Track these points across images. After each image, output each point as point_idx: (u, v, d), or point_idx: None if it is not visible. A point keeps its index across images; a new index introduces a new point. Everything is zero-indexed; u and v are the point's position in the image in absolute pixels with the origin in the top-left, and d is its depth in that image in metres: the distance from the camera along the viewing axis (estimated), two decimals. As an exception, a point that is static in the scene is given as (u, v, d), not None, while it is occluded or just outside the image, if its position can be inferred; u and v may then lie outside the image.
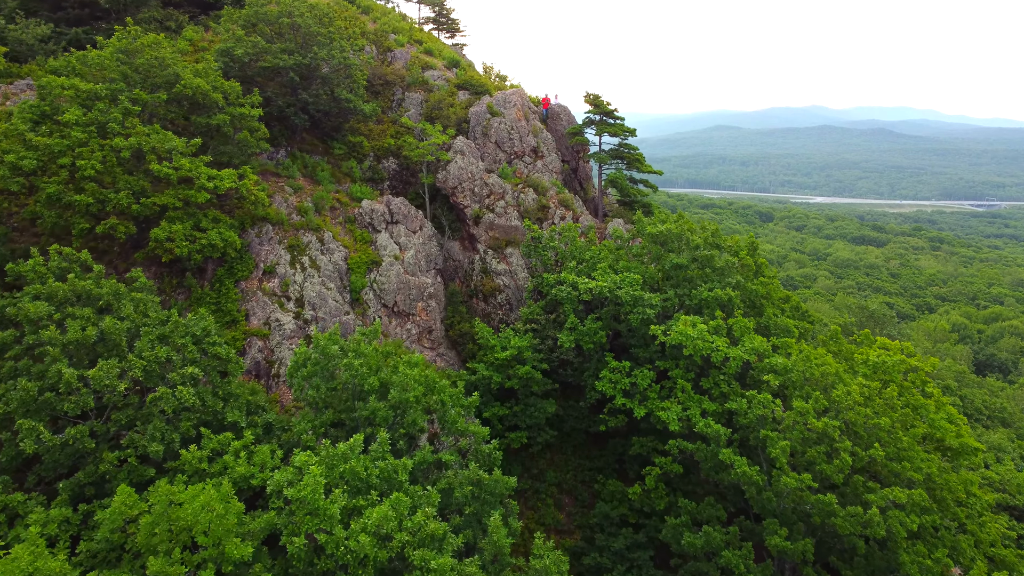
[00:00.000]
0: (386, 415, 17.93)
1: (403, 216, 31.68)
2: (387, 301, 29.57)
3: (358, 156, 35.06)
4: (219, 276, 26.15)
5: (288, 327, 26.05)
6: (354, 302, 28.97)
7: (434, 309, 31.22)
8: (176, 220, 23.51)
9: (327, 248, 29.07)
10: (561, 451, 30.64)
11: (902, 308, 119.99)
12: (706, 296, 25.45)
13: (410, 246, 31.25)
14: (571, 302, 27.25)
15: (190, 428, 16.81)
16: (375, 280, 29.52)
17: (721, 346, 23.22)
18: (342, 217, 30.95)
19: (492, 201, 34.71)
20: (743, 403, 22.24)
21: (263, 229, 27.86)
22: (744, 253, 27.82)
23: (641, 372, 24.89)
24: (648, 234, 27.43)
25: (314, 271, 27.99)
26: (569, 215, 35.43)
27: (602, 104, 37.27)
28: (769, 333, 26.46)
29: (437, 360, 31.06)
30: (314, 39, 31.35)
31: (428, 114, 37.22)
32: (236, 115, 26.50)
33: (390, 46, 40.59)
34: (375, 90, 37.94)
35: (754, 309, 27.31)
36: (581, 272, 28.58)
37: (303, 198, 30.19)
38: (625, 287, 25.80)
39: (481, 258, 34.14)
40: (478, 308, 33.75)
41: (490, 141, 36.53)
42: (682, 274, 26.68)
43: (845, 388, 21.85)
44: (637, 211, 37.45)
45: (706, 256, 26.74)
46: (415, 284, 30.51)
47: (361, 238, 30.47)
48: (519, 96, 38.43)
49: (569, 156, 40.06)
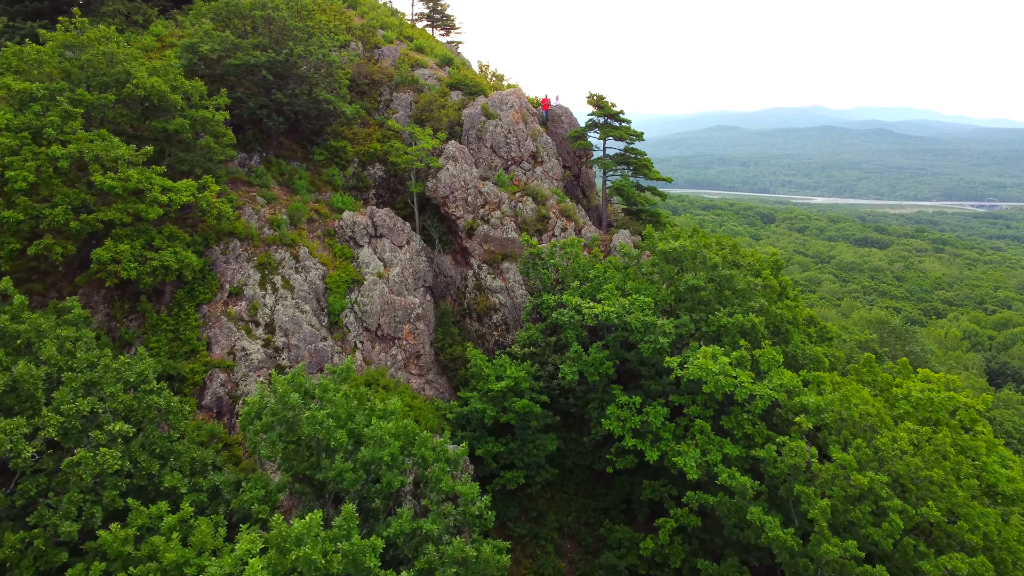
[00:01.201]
0: (355, 478, 15.04)
1: (388, 229, 28.76)
2: (370, 324, 26.68)
3: (341, 162, 32.17)
4: (178, 299, 23.24)
5: (255, 357, 23.15)
6: (332, 326, 26.08)
7: (422, 332, 28.33)
8: (124, 238, 20.60)
9: (302, 266, 26.17)
10: (563, 489, 27.75)
11: (910, 313, 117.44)
12: (726, 323, 22.58)
13: (396, 262, 28.35)
14: (574, 327, 24.37)
15: (116, 499, 13.90)
16: (356, 301, 26.62)
17: (746, 382, 20.36)
18: (320, 230, 28.04)
19: (487, 211, 31.83)
20: (772, 450, 19.37)
21: (229, 245, 24.95)
22: (767, 272, 25.01)
23: (653, 409, 22.02)
24: (660, 251, 24.56)
25: (287, 292, 25.09)
26: (571, 226, 32.57)
27: (606, 105, 34.41)
28: (797, 364, 23.60)
29: (426, 388, 28.17)
30: (290, 34, 28.45)
31: (418, 116, 34.34)
32: (198, 119, 23.59)
33: (378, 43, 37.68)
34: (360, 90, 35.04)
35: (779, 336, 24.45)
36: (585, 293, 25.70)
37: (277, 210, 27.28)
38: (635, 312, 22.93)
39: (475, 274, 31.26)
40: (471, 329, 30.87)
41: (485, 146, 33.65)
42: (698, 296, 23.82)
43: (891, 434, 18.98)
44: (646, 223, 34.61)
45: (725, 277, 23.87)
46: (401, 304, 27.62)
47: (341, 254, 27.56)
48: (517, 97, 35.56)
49: (571, 161, 37.19)
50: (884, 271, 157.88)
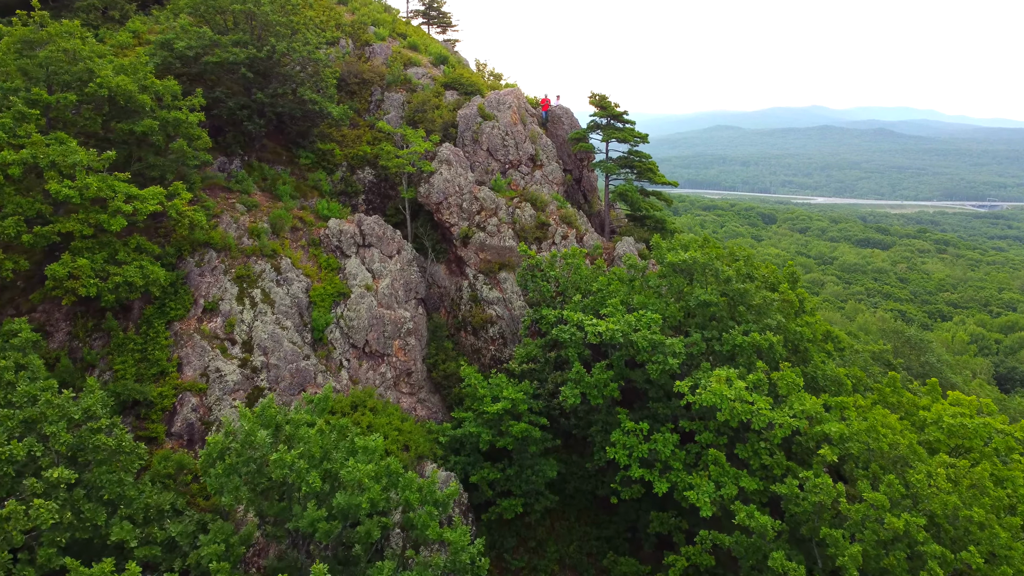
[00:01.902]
0: (329, 528, 13.28)
1: (377, 238, 26.98)
2: (357, 340, 24.91)
3: (328, 166, 30.38)
4: (147, 316, 21.48)
5: (231, 378, 21.38)
6: (316, 343, 24.31)
7: (414, 347, 26.56)
8: (84, 252, 18.84)
9: (284, 278, 24.40)
10: (563, 516, 25.98)
11: (915, 316, 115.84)
12: (741, 342, 20.82)
13: (385, 273, 26.57)
14: (576, 345, 22.61)
15: (53, 557, 12.15)
16: (342, 315, 24.85)
17: (764, 408, 18.61)
18: (305, 240, 26.27)
19: (483, 218, 30.06)
20: (794, 486, 17.62)
21: (205, 257, 23.19)
22: (784, 287, 23.29)
23: (662, 437, 20.27)
24: (668, 263, 22.78)
25: (267, 307, 23.32)
26: (572, 233, 30.81)
27: (609, 106, 32.66)
28: (817, 386, 21.85)
29: (417, 408, 26.41)
30: (273, 30, 26.68)
31: (410, 117, 32.56)
32: (170, 120, 21.82)
33: (369, 40, 35.90)
34: (350, 89, 33.26)
35: (797, 354, 22.69)
36: (587, 308, 23.94)
37: (258, 218, 25.51)
38: (642, 329, 21.17)
39: (470, 284, 29.50)
40: (467, 343, 29.11)
41: (481, 148, 31.88)
42: (709, 312, 22.06)
43: (925, 468, 17.23)
44: (651, 230, 32.86)
45: (739, 291, 22.11)
46: (391, 319, 25.85)
47: (327, 265, 25.79)
48: (515, 97, 33.79)
49: (572, 165, 35.44)
50: (887, 272, 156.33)
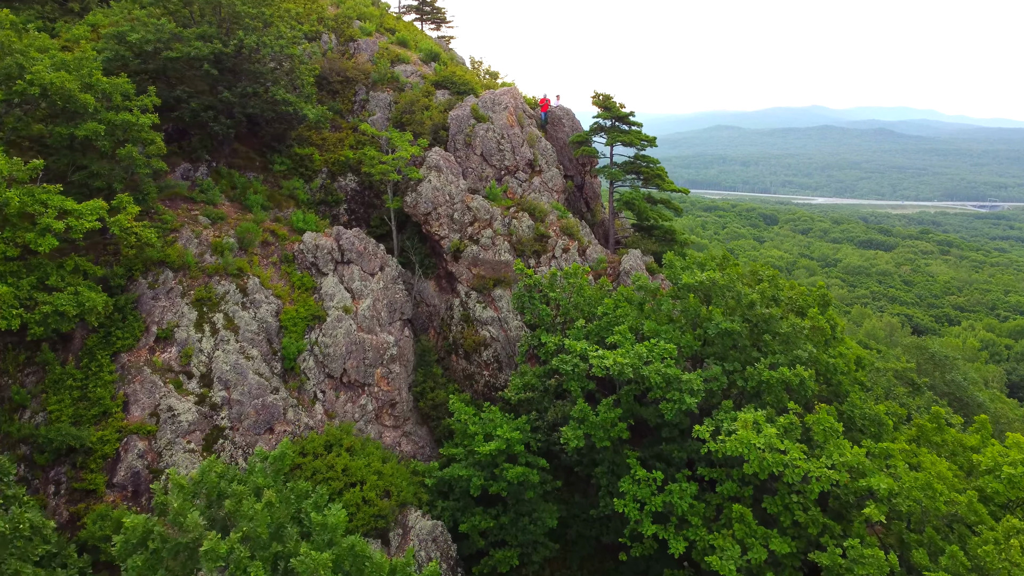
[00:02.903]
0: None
1: (358, 253, 24.31)
2: (333, 369, 22.25)
3: (306, 173, 27.69)
4: (90, 347, 18.82)
5: (186, 418, 18.73)
6: (287, 373, 21.66)
7: (398, 375, 23.91)
8: (6, 277, 16.18)
9: (252, 300, 21.74)
10: (564, 564, 23.30)
11: (921, 320, 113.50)
12: (768, 377, 18.19)
13: (366, 293, 23.91)
14: (578, 379, 19.97)
15: None
16: (317, 341, 22.19)
17: (798, 459, 16.00)
18: (276, 256, 23.61)
19: (476, 230, 27.41)
20: (836, 555, 15.01)
21: (160, 277, 20.52)
22: (815, 311, 20.68)
23: (678, 488, 17.64)
24: (684, 285, 20.14)
25: (230, 334, 20.66)
26: (574, 246, 28.18)
27: (614, 106, 30.02)
28: (854, 426, 19.23)
29: (402, 442, 23.77)
30: (241, 22, 24.01)
31: (397, 119, 29.89)
32: (117, 123, 19.15)
33: (353, 35, 33.22)
34: (332, 88, 30.59)
35: (829, 387, 20.08)
36: (592, 334, 21.30)
37: (223, 231, 22.84)
38: (655, 362, 18.53)
39: (462, 303, 26.86)
40: (458, 368, 26.47)
41: (475, 153, 29.21)
42: (731, 341, 19.43)
43: (992, 535, 14.62)
44: (659, 241, 30.21)
45: (765, 317, 19.49)
46: (372, 344, 23.20)
47: (300, 284, 23.13)
48: (511, 96, 31.13)
49: (573, 170, 32.79)
50: (891, 275, 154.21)
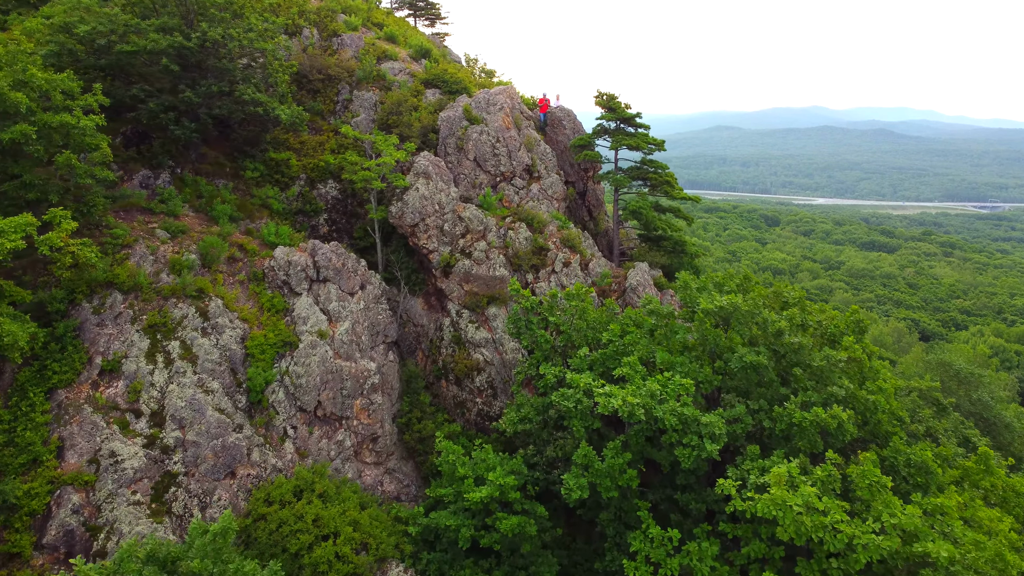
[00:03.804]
0: None
1: (335, 270, 21.88)
2: (306, 402, 19.83)
3: (282, 179, 25.25)
4: (20, 383, 16.40)
5: (132, 464, 16.30)
6: (253, 407, 19.22)
7: (381, 405, 21.49)
8: (-90, 308, 13.76)
9: (213, 325, 19.31)
10: (565, 618, 20.95)
11: (928, 325, 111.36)
12: (800, 420, 15.79)
13: (345, 315, 21.48)
14: (582, 417, 17.56)
15: None
16: (288, 371, 19.77)
17: (841, 521, 13.61)
18: (245, 273, 21.18)
19: (469, 242, 25.00)
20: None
21: (107, 301, 18.09)
22: (850, 340, 18.25)
23: (698, 548, 15.25)
24: (703, 311, 17.72)
25: (187, 364, 18.23)
26: (575, 259, 25.78)
27: (619, 107, 27.64)
28: (897, 474, 16.82)
29: (384, 481, 21.36)
30: (207, 12, 21.59)
31: (383, 120, 27.47)
32: (53, 125, 16.73)
33: (338, 30, 30.78)
34: (313, 87, 28.16)
35: (866, 427, 17.66)
36: (597, 364, 18.89)
37: (184, 246, 20.41)
38: (669, 400, 16.13)
39: (453, 322, 24.46)
40: (448, 395, 24.07)
41: (467, 158, 26.80)
42: (756, 376, 17.02)
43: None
44: (668, 254, 27.83)
45: (794, 348, 17.09)
46: (351, 372, 20.78)
47: (270, 306, 20.70)
48: (508, 96, 28.72)
49: (574, 176, 30.39)
50: (896, 278, 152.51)
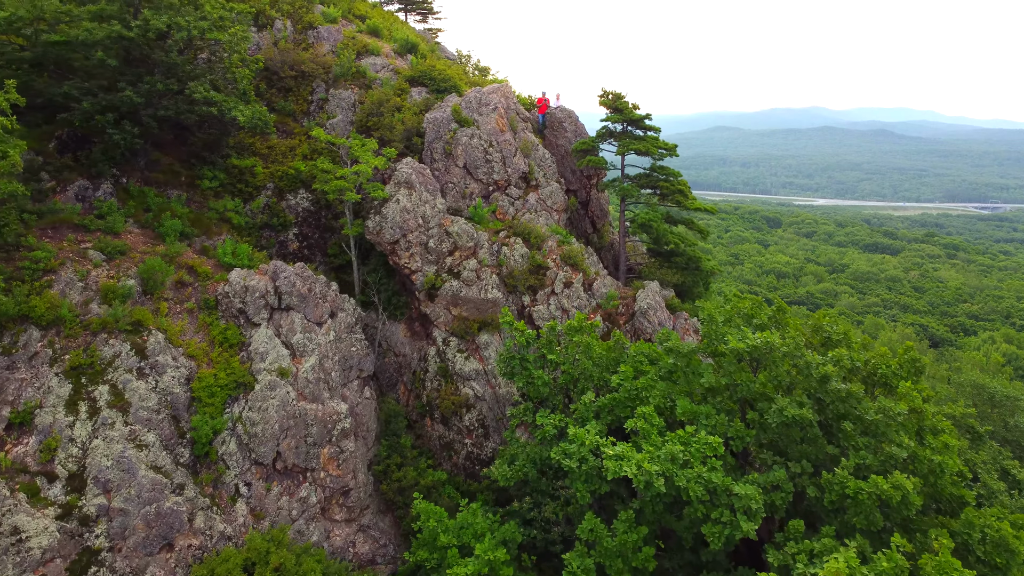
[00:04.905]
0: None
1: (300, 297, 18.93)
2: (263, 454, 16.91)
3: (246, 189, 22.32)
4: (-96, 444, 13.49)
5: (39, 543, 13.38)
6: (198, 462, 16.30)
7: (353, 453, 18.57)
8: None
9: (153, 364, 16.38)
10: None
11: (936, 331, 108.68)
12: (855, 490, 12.89)
13: (311, 348, 18.55)
14: (587, 479, 14.65)
15: None
16: (241, 417, 16.86)
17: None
18: (195, 300, 18.24)
19: (457, 260, 22.10)
20: None
21: (19, 339, 15.17)
22: (907, 385, 15.27)
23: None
24: (732, 350, 14.81)
25: (116, 414, 15.31)
26: (578, 279, 22.89)
27: (626, 107, 24.78)
28: (970, 552, 13.94)
29: (358, 541, 18.44)
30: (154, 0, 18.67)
31: (362, 122, 24.54)
32: (-52, 130, 13.84)
33: (314, 21, 27.85)
34: (284, 85, 25.24)
35: (928, 487, 14.76)
36: (605, 411, 15.99)
37: (121, 270, 17.47)
38: (694, 463, 13.23)
39: (439, 352, 21.55)
40: (433, 435, 21.16)
41: (456, 164, 23.89)
42: (799, 434, 14.13)
43: None
44: (681, 271, 24.94)
45: (842, 396, 14.19)
46: (318, 416, 17.86)
47: (223, 339, 17.77)
48: (502, 95, 25.82)
49: (577, 184, 27.48)
50: (901, 281, 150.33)
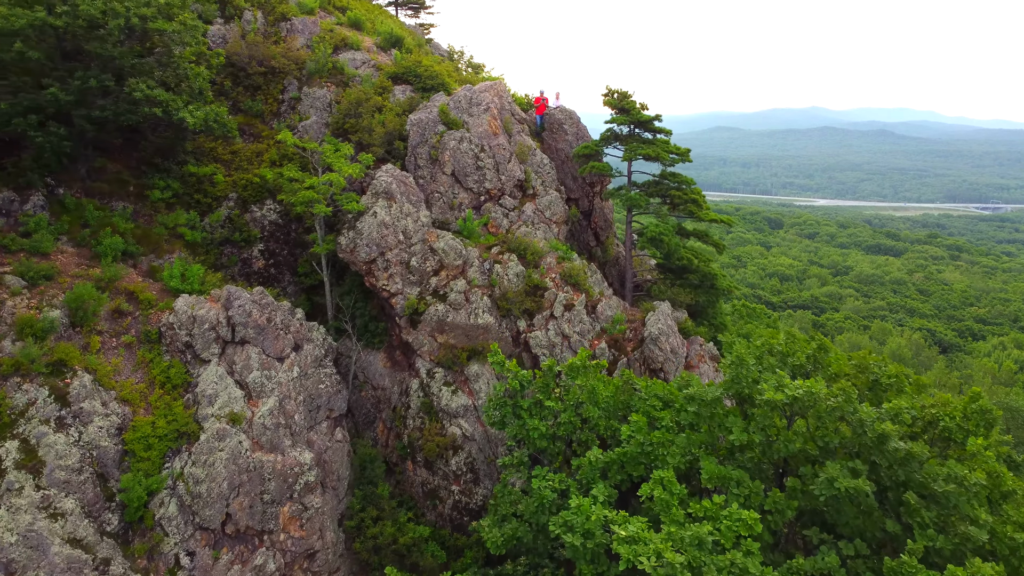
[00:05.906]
0: None
1: (258, 328, 16.34)
2: (208, 517, 14.31)
3: (204, 200, 19.71)
4: None
5: (-84, 648, 10.81)
6: (131, 529, 13.70)
7: (320, 510, 15.98)
8: None
9: (76, 413, 13.79)
10: None
11: (944, 336, 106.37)
12: (928, 582, 10.35)
13: (270, 388, 15.95)
14: (593, 560, 12.05)
15: None
16: (183, 474, 14.26)
17: None
18: (134, 332, 15.64)
19: (444, 281, 19.51)
20: None
21: (-92, 388, 12.61)
22: (979, 442, 12.70)
23: None
24: (766, 402, 12.25)
25: (26, 477, 12.71)
26: (580, 300, 20.33)
27: (633, 108, 22.24)
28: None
29: (325, 612, 15.86)
30: (86, -19, 16.05)
31: (338, 124, 21.95)
32: None
33: (287, 12, 25.25)
34: (251, 83, 22.64)
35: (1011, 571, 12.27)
36: (613, 470, 13.42)
37: (45, 298, 14.87)
38: (726, 546, 10.67)
39: (423, 385, 18.97)
40: (416, 481, 18.57)
41: (443, 172, 21.31)
42: (852, 509, 11.58)
43: None
44: (694, 290, 22.38)
45: (903, 458, 11.63)
46: (277, 468, 15.27)
47: (164, 379, 15.17)
48: (495, 94, 23.24)
49: (578, 192, 24.89)
50: (906, 283, 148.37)
